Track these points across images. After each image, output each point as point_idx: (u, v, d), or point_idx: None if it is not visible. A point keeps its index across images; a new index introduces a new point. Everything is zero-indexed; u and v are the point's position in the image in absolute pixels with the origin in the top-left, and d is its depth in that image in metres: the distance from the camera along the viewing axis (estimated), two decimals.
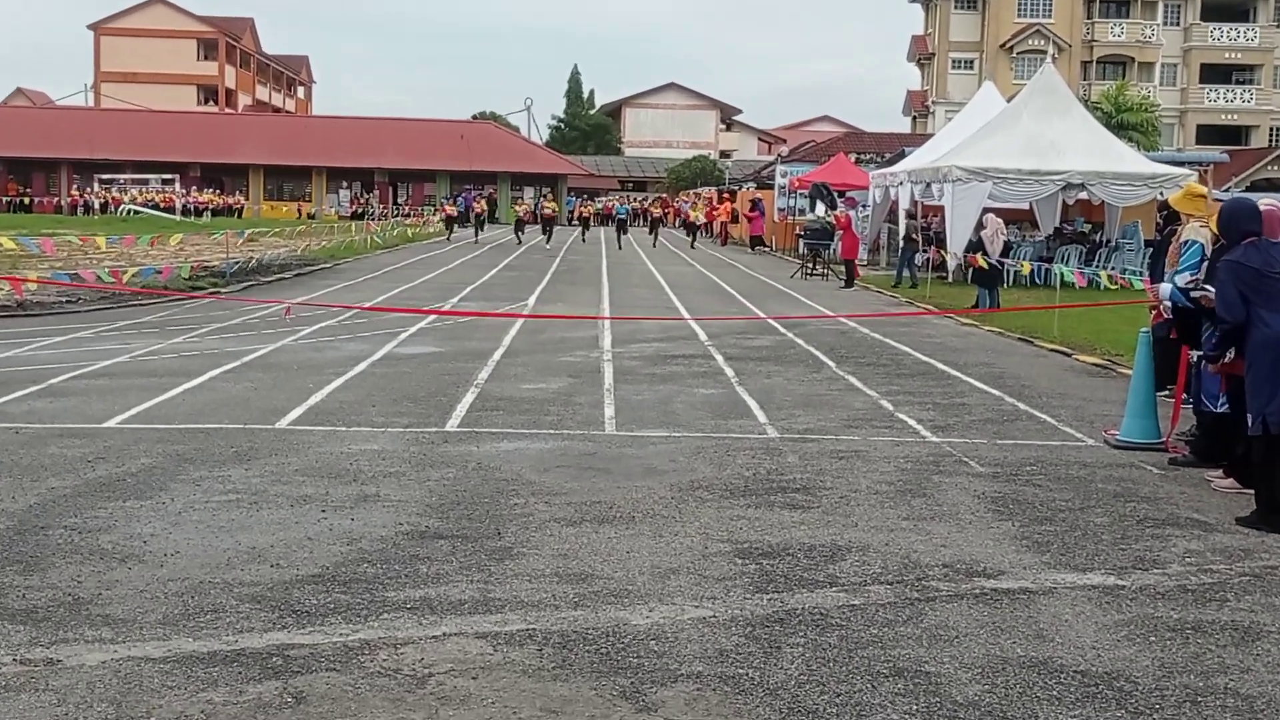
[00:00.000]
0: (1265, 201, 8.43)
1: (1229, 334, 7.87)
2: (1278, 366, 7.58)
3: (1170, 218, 12.50)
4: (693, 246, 46.66)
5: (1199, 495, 8.43)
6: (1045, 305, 20.15)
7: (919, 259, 28.04)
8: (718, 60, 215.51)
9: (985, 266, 21.79)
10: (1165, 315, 9.85)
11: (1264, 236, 7.93)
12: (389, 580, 6.18)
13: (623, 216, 50.41)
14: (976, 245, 23.02)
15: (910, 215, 29.68)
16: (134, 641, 5.27)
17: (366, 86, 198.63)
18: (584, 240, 49.06)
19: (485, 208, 53.15)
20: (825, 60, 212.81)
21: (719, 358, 15.09)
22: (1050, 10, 73.30)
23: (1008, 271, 23.70)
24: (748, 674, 5.08)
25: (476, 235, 48.60)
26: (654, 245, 47.64)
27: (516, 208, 53.33)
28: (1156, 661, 5.32)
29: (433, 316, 19.13)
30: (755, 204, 48.35)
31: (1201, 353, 8.71)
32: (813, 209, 37.16)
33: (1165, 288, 9.61)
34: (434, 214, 53.72)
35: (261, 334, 16.78)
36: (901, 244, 29.42)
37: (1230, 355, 8.04)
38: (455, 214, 52.62)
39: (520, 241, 45.74)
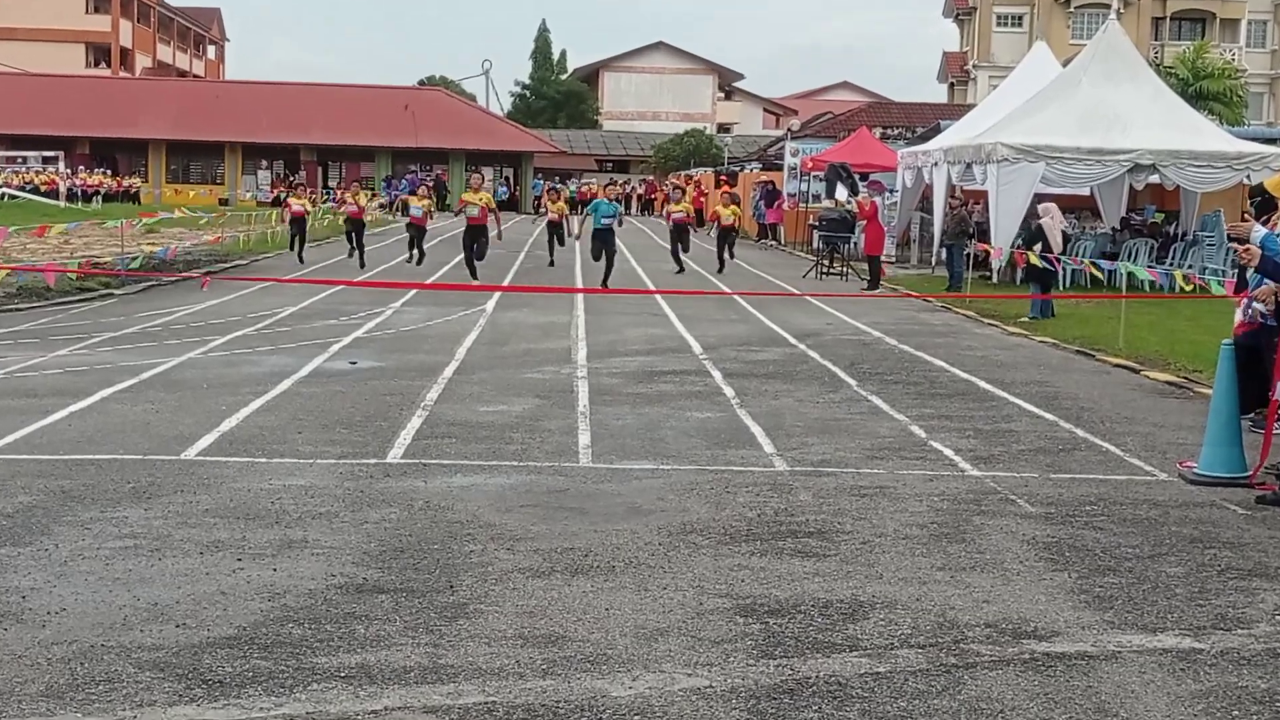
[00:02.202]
0: None
1: None
2: None
3: (1264, 205, 12.59)
4: (720, 267, 33.07)
5: None
6: (1108, 307, 20.25)
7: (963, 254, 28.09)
8: (715, 15, 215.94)
9: (1038, 264, 21.95)
10: (1258, 319, 9.92)
11: None
12: (319, 643, 6.19)
13: (606, 222, 27.87)
14: (1033, 238, 23.13)
15: (960, 202, 29.76)
16: (10, 717, 5.27)
17: (291, 46, 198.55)
18: (553, 262, 33.60)
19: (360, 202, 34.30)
20: (845, 16, 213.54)
21: (716, 374, 15.14)
22: None
23: (1065, 270, 23.83)
24: None
25: (360, 259, 32.52)
26: (720, 269, 33.10)
27: (420, 202, 33.62)
28: None
29: (371, 324, 19.14)
30: (769, 189, 48.50)
31: None
32: (830, 194, 37.29)
33: (1258, 231, 9.62)
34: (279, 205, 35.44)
35: (164, 345, 16.77)
36: (945, 238, 29.33)
37: None
38: (304, 213, 34.16)
39: (415, 259, 32.26)
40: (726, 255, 33.53)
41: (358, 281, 14.79)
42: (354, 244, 32.47)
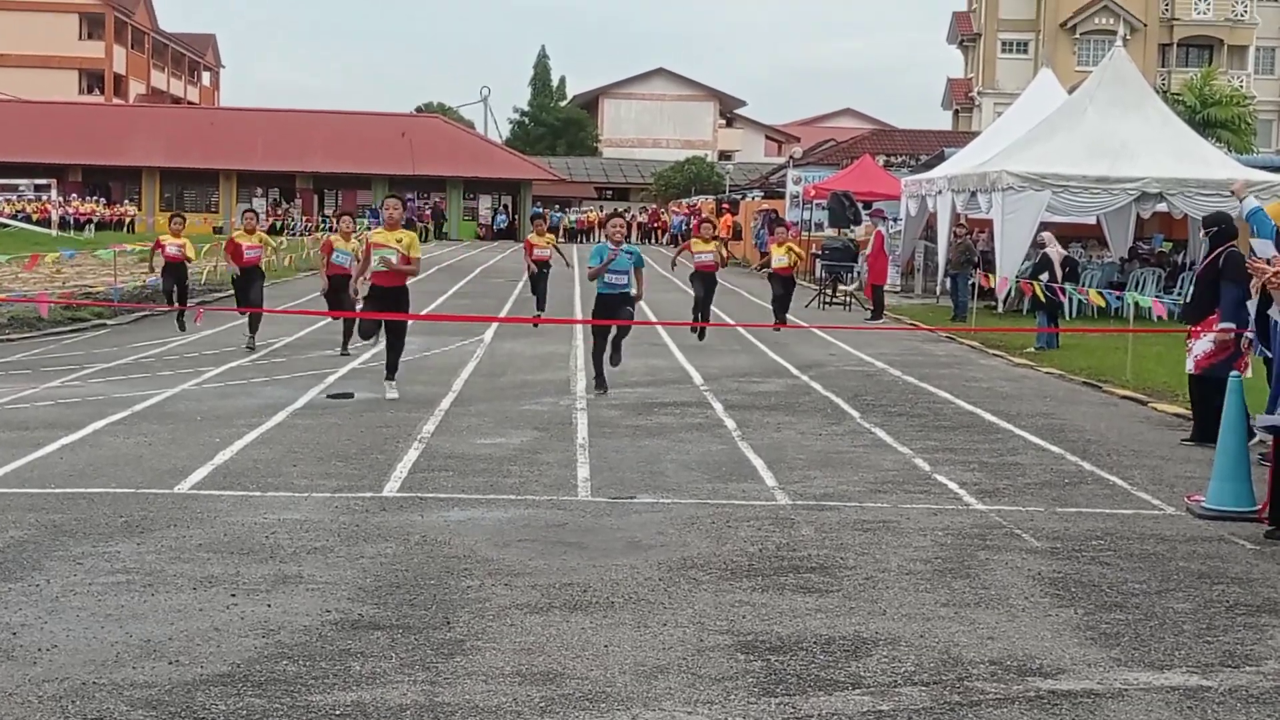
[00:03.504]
0: None
1: None
2: None
3: (1220, 235, 12.62)
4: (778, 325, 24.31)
5: None
6: (1115, 338, 20.27)
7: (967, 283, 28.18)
8: (717, 42, 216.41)
9: (1042, 295, 22.01)
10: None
11: None
12: (314, 681, 6.20)
13: (621, 284, 16.03)
14: (1040, 267, 23.17)
15: (965, 230, 29.83)
16: None
17: (287, 72, 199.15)
18: (542, 308, 25.44)
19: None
20: (848, 42, 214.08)
21: (718, 406, 15.16)
22: None
23: (1071, 300, 23.88)
24: None
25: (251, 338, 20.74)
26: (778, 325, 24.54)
27: (345, 240, 20.22)
28: None
29: (368, 355, 19.15)
30: (775, 219, 48.58)
31: None
32: (833, 223, 37.43)
33: (1248, 204, 9.63)
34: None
35: (157, 376, 16.79)
36: (950, 267, 29.39)
37: None
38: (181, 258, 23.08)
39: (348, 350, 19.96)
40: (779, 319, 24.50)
41: (356, 313, 14.75)
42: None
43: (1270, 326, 9.39)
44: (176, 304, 22.14)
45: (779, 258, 24.79)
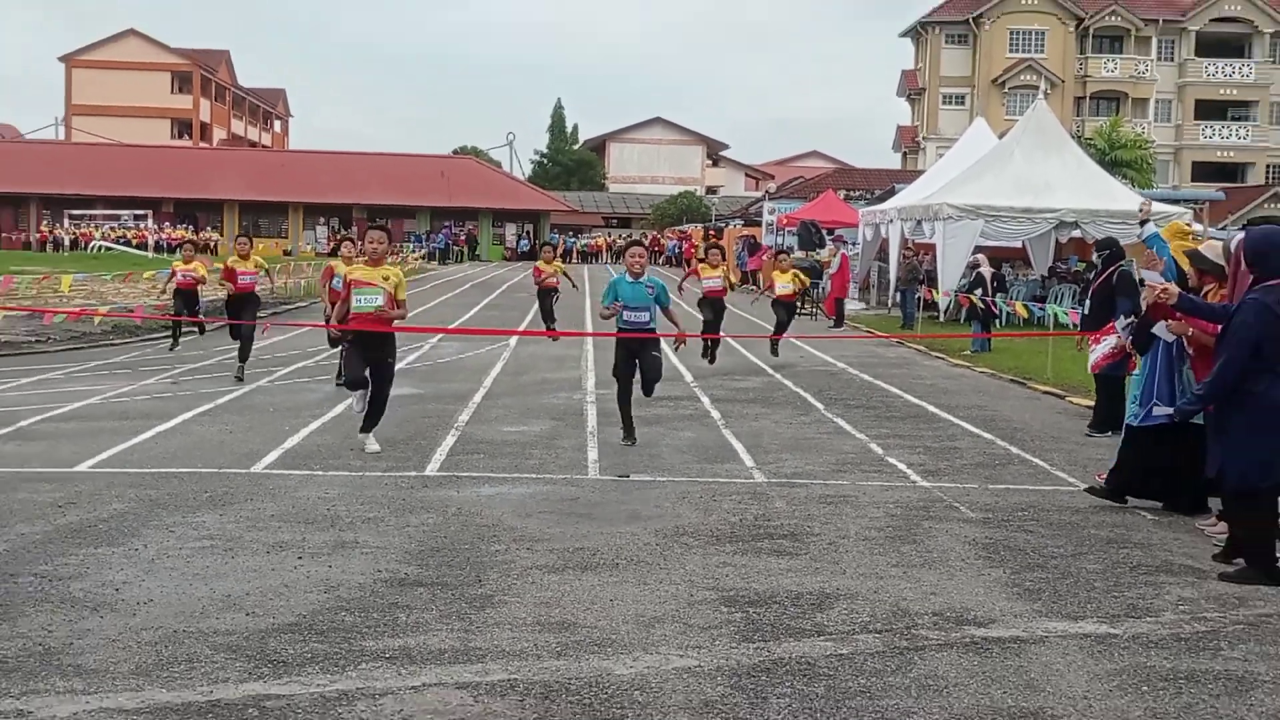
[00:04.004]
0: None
1: (1221, 384, 7.50)
2: (1273, 427, 7.40)
3: (1110, 258, 12.64)
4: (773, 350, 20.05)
5: (1193, 541, 8.50)
6: (1038, 343, 20.26)
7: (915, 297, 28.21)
8: (705, 95, 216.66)
9: (980, 305, 22.02)
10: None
11: None
12: (367, 629, 6.20)
13: (641, 320, 11.91)
14: (974, 283, 23.20)
15: (913, 253, 29.84)
16: (106, 692, 5.28)
17: (344, 120, 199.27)
18: (553, 323, 22.80)
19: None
20: (815, 96, 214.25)
21: (705, 399, 15.16)
22: (1043, 45, 74.02)
23: (1001, 311, 23.88)
24: None
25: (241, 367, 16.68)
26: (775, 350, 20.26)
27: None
28: (1149, 712, 5.37)
29: (412, 357, 19.14)
30: (751, 242, 48.57)
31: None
32: (802, 246, 37.42)
33: (1148, 229, 9.64)
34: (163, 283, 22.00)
35: (234, 375, 16.77)
36: (900, 283, 29.48)
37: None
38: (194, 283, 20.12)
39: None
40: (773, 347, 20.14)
41: (404, 328, 14.42)
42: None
43: (1149, 338, 9.37)
44: (185, 322, 19.96)
45: (784, 284, 20.16)
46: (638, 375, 12.04)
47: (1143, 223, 9.86)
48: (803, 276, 21.86)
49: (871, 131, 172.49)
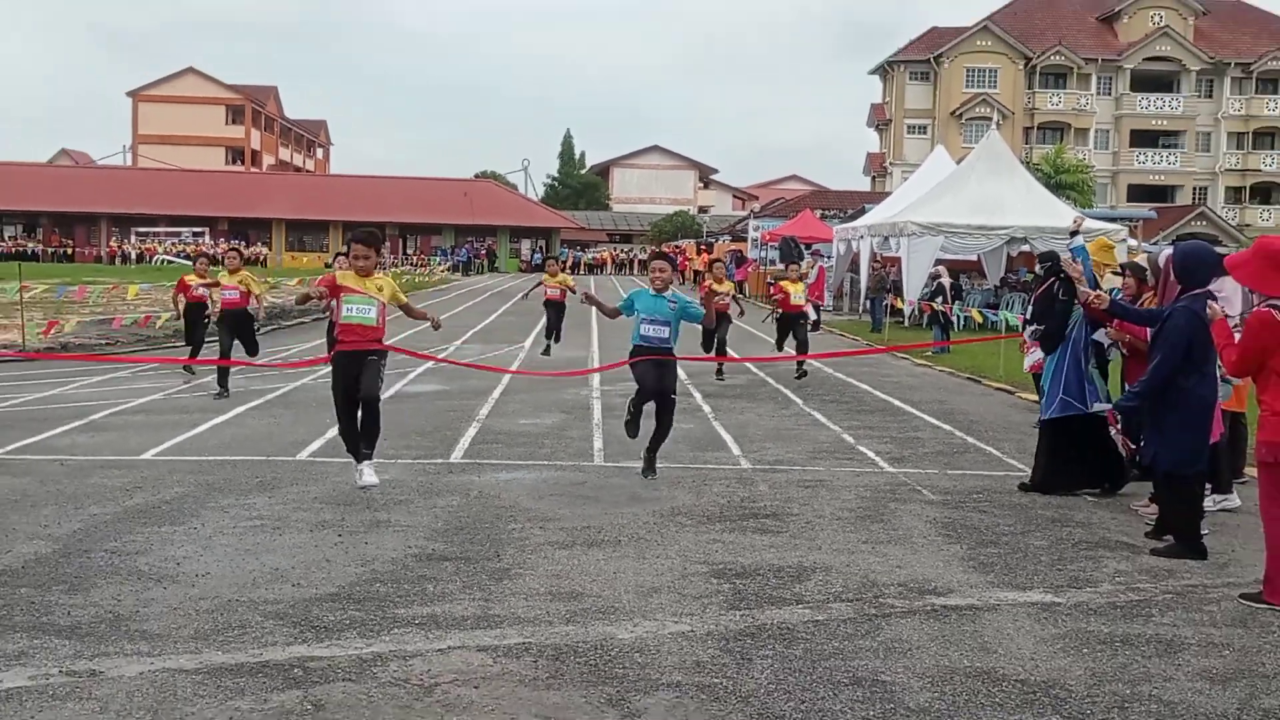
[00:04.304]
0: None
1: (1155, 389, 7.44)
2: (1201, 421, 7.48)
3: (1051, 269, 12.55)
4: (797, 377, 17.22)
5: (1128, 521, 8.50)
6: (991, 345, 20.26)
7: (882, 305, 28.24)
8: (698, 124, 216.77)
9: (940, 311, 22.00)
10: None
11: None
12: (399, 598, 6.21)
13: (660, 336, 9.64)
14: (935, 292, 23.20)
15: (881, 265, 29.83)
16: (169, 654, 5.29)
17: (379, 148, 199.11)
18: (549, 349, 19.61)
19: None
20: (795, 125, 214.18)
21: (697, 395, 15.15)
22: (995, 81, 73.99)
23: (958, 316, 23.87)
24: (722, 683, 5.12)
25: (222, 390, 14.25)
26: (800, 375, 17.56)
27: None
28: (1088, 671, 5.38)
29: (440, 355, 19.12)
30: (738, 255, 48.51)
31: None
32: (783, 259, 37.37)
33: (1075, 241, 9.60)
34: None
35: (284, 373, 16.77)
36: (869, 292, 29.55)
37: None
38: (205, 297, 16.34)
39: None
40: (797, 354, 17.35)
41: (396, 348, 14.33)
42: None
43: (1054, 341, 9.29)
44: (192, 348, 16.13)
45: (798, 295, 17.75)
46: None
47: (1073, 234, 9.81)
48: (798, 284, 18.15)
49: (844, 157, 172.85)
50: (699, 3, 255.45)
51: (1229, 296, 8.31)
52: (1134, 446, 8.78)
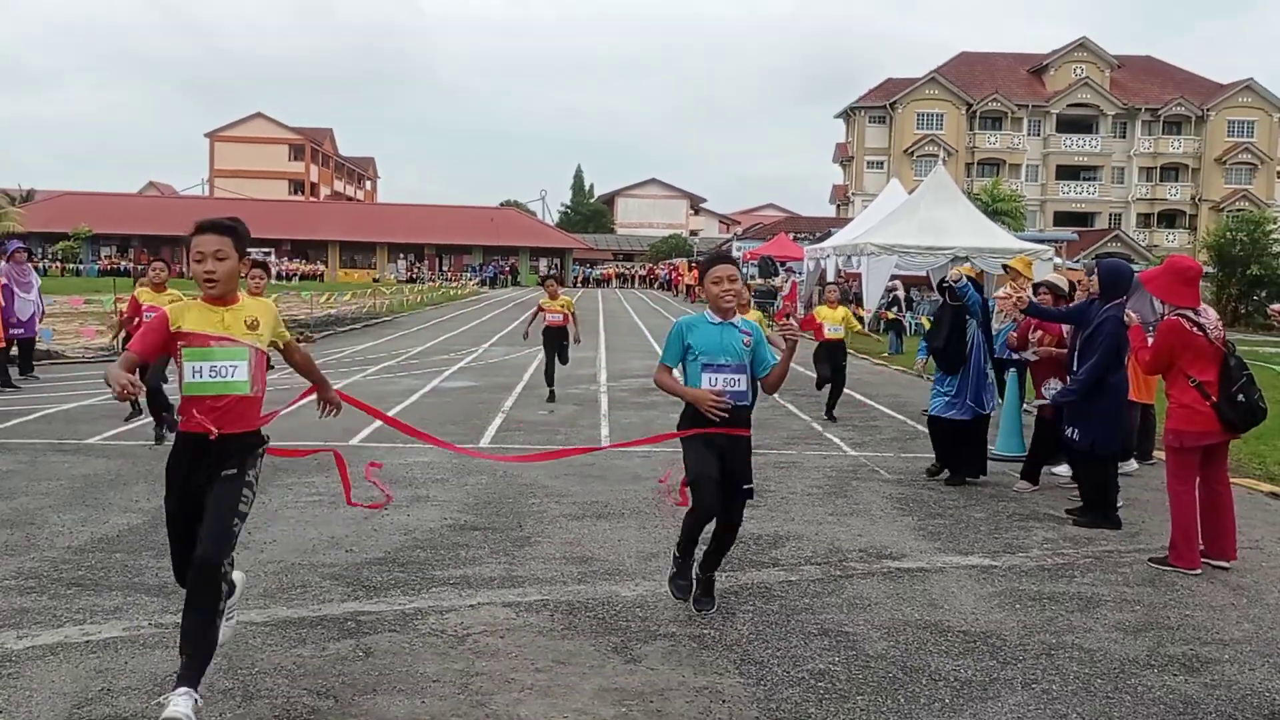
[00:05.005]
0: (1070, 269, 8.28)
1: (1089, 384, 7.40)
2: (1120, 409, 7.53)
3: (940, 287, 12.40)
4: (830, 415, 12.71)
5: (1054, 496, 8.50)
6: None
7: None
8: (688, 158, 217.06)
9: (893, 318, 22.01)
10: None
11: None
12: (436, 562, 6.22)
13: (738, 390, 5.47)
14: (892, 303, 23.21)
15: (844, 279, 29.80)
16: (242, 609, 5.29)
17: (418, 181, 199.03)
18: (553, 394, 13.77)
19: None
20: (772, 161, 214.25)
21: None
22: (942, 124, 74.02)
23: (910, 323, 23.87)
24: (710, 633, 5.12)
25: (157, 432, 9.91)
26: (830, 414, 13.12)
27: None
28: (1020, 623, 5.38)
29: (469, 358, 19.10)
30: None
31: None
32: (761, 275, 37.39)
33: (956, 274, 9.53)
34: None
35: (338, 372, 16.78)
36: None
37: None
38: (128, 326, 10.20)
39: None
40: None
41: (353, 400, 14.28)
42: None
43: (952, 359, 9.04)
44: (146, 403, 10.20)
45: (833, 326, 13.04)
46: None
47: (955, 281, 9.48)
48: (852, 319, 13.50)
49: (813, 188, 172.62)
50: (690, 59, 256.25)
51: (1140, 306, 8.33)
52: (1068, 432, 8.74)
